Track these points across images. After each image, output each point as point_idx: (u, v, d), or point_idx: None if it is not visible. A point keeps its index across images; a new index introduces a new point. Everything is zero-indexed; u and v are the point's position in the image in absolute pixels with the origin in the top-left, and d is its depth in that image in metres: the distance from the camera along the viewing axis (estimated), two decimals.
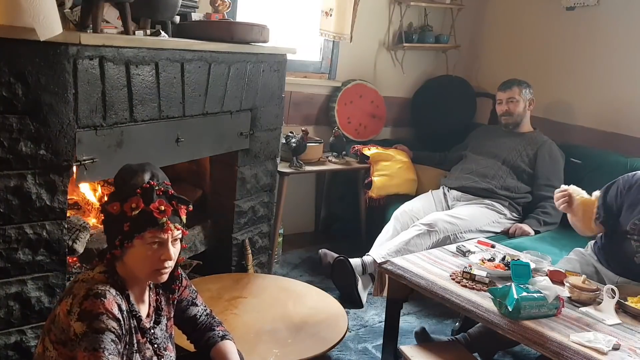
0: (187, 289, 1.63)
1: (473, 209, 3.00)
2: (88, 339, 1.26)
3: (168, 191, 1.41)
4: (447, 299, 1.94)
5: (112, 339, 1.28)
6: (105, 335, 1.27)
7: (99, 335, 1.26)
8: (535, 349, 1.71)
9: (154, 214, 1.35)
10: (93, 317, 1.28)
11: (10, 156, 1.63)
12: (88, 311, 1.28)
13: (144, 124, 2.03)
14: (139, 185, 1.38)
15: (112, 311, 1.30)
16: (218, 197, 2.75)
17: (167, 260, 1.39)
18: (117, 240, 1.37)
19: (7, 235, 1.67)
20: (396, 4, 3.80)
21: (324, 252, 3.01)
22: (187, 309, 1.63)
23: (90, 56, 1.75)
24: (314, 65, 3.68)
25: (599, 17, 3.41)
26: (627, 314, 1.88)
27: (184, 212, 1.43)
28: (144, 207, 1.35)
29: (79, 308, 1.29)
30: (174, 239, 1.41)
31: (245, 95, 2.53)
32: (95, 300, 1.29)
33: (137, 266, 1.39)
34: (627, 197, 2.15)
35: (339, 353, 2.41)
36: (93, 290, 1.31)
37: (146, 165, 1.45)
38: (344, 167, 3.41)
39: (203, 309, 1.67)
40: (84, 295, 1.30)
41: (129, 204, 1.36)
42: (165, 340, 1.52)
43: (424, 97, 4.04)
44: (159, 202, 1.37)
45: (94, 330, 1.27)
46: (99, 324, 1.27)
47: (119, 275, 1.40)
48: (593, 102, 3.45)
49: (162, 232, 1.37)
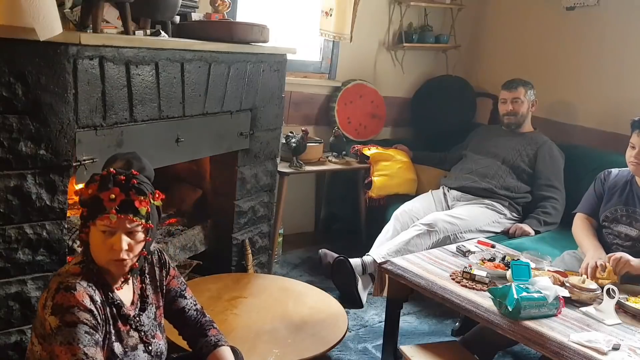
0: (175, 279, 1.62)
1: (473, 209, 3.00)
2: (62, 333, 1.28)
3: (131, 180, 1.38)
4: (447, 299, 1.94)
5: (86, 330, 1.30)
6: (78, 328, 1.28)
7: (72, 329, 1.28)
8: (535, 349, 1.71)
9: (104, 202, 1.34)
10: (64, 310, 1.29)
11: (10, 156, 1.63)
12: (59, 305, 1.30)
13: (144, 124, 2.03)
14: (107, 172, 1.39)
15: (83, 303, 1.31)
16: (218, 197, 2.75)
17: (118, 250, 1.36)
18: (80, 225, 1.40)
19: (7, 235, 1.67)
20: (396, 4, 3.80)
21: (324, 252, 3.01)
22: (176, 301, 1.62)
23: (90, 56, 1.75)
24: (314, 65, 3.68)
25: (599, 17, 3.41)
26: (627, 314, 1.88)
27: (144, 204, 1.38)
28: (96, 193, 1.35)
29: (52, 302, 1.31)
30: (130, 230, 1.37)
31: (245, 95, 2.53)
32: (65, 293, 1.31)
33: (95, 253, 1.39)
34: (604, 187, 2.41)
35: (339, 353, 2.41)
36: (63, 283, 1.32)
37: (129, 154, 1.46)
38: (344, 167, 3.41)
39: (193, 302, 1.66)
40: (55, 289, 1.32)
41: (87, 190, 1.37)
42: (154, 328, 1.53)
43: (424, 97, 4.04)
44: (113, 191, 1.35)
45: (67, 324, 1.28)
46: (71, 317, 1.29)
47: (96, 264, 1.40)
48: (593, 102, 3.45)
49: (110, 221, 1.34)
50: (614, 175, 2.44)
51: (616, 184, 2.40)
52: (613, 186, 2.40)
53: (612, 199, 2.37)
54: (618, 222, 2.32)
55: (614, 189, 2.39)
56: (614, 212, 2.34)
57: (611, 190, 2.40)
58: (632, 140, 2.28)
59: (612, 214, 2.34)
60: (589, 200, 2.49)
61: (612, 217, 2.34)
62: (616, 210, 2.34)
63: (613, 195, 2.38)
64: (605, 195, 2.41)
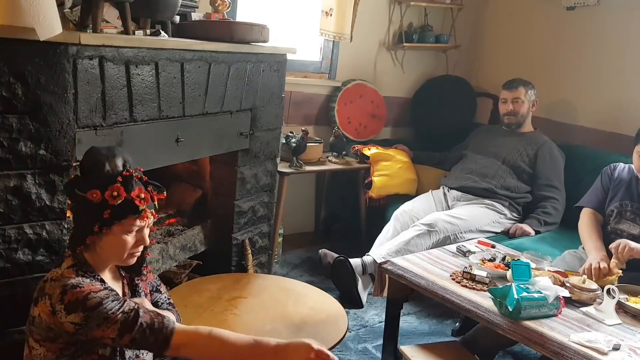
0: (151, 274, 1.66)
1: (473, 209, 3.00)
2: (93, 317, 1.28)
3: (142, 178, 1.44)
4: (447, 299, 1.94)
5: (112, 299, 1.32)
6: (104, 303, 1.30)
7: (99, 308, 1.29)
8: (536, 349, 1.71)
9: (134, 202, 1.38)
10: (82, 301, 1.29)
11: (10, 156, 1.62)
12: (74, 301, 1.29)
13: (144, 124, 2.03)
14: (115, 171, 1.40)
15: (95, 287, 1.33)
16: (218, 197, 2.75)
17: (144, 245, 1.45)
18: (95, 227, 1.38)
19: (7, 235, 1.67)
20: (396, 3, 3.80)
21: (324, 252, 3.01)
22: (152, 295, 1.64)
23: (90, 56, 1.75)
24: (314, 65, 3.68)
25: (599, 16, 3.41)
26: (627, 314, 1.88)
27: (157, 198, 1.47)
28: (125, 195, 1.38)
29: (62, 304, 1.30)
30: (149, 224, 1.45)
31: (245, 95, 2.53)
32: (73, 290, 1.31)
33: (114, 251, 1.42)
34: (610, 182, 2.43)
35: (339, 353, 2.41)
36: (68, 284, 1.32)
37: (115, 149, 1.46)
38: (344, 167, 3.41)
39: (166, 297, 1.68)
40: (61, 292, 1.31)
41: (110, 192, 1.37)
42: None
43: (424, 97, 4.04)
44: (139, 190, 1.40)
45: (92, 308, 1.29)
46: (92, 301, 1.29)
47: (89, 265, 1.42)
48: (593, 102, 3.45)
49: (141, 220, 1.41)
50: (619, 170, 2.44)
51: (621, 180, 2.41)
52: (618, 181, 2.41)
53: (618, 194, 2.37)
54: (622, 218, 2.32)
55: (619, 184, 2.40)
56: (620, 207, 2.34)
57: (616, 185, 2.40)
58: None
59: (618, 209, 2.34)
60: (596, 194, 2.48)
61: (617, 211, 2.34)
62: (622, 205, 2.34)
63: (619, 191, 2.38)
64: (611, 189, 2.41)
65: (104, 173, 1.40)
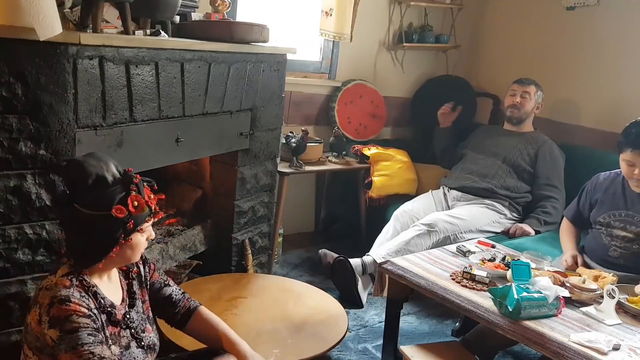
0: (156, 272, 1.65)
1: (473, 209, 3.00)
2: (65, 340, 1.27)
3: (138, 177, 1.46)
4: (447, 299, 1.94)
5: (89, 333, 1.30)
6: (80, 332, 1.28)
7: (74, 335, 1.28)
8: (535, 349, 1.71)
9: (149, 204, 1.42)
10: (63, 320, 1.29)
11: (10, 156, 1.63)
12: (57, 317, 1.29)
13: (144, 123, 2.03)
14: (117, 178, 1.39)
15: (80, 310, 1.31)
16: (218, 197, 2.75)
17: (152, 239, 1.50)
18: (121, 239, 1.38)
19: (7, 235, 1.67)
20: (396, 3, 3.80)
21: (324, 252, 3.01)
22: (161, 290, 1.64)
23: (90, 56, 1.75)
24: (314, 65, 3.68)
25: (599, 17, 3.41)
26: (628, 314, 1.88)
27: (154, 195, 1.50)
28: (143, 201, 1.40)
29: (48, 316, 1.30)
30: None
31: (245, 95, 2.53)
32: (60, 306, 1.30)
33: (132, 254, 1.45)
34: (594, 194, 2.46)
35: (339, 353, 2.41)
36: (57, 297, 1.31)
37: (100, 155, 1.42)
38: (344, 167, 3.41)
39: (177, 289, 1.68)
40: (49, 303, 1.30)
41: (132, 204, 1.38)
42: (143, 322, 1.54)
43: (424, 97, 4.04)
44: (147, 191, 1.43)
45: (68, 332, 1.28)
46: (71, 324, 1.29)
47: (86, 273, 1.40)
48: (593, 102, 3.45)
49: (154, 218, 1.46)
50: (600, 182, 2.47)
51: (607, 189, 2.42)
52: (604, 191, 2.43)
53: (605, 205, 2.40)
54: (612, 228, 2.35)
55: (604, 194, 2.42)
56: (607, 218, 2.37)
57: (602, 195, 2.43)
58: (627, 158, 2.25)
59: (605, 220, 2.37)
60: (573, 208, 2.59)
61: (605, 222, 2.37)
62: (609, 216, 2.37)
63: (605, 202, 2.40)
64: (598, 200, 2.43)
65: (110, 186, 1.36)
